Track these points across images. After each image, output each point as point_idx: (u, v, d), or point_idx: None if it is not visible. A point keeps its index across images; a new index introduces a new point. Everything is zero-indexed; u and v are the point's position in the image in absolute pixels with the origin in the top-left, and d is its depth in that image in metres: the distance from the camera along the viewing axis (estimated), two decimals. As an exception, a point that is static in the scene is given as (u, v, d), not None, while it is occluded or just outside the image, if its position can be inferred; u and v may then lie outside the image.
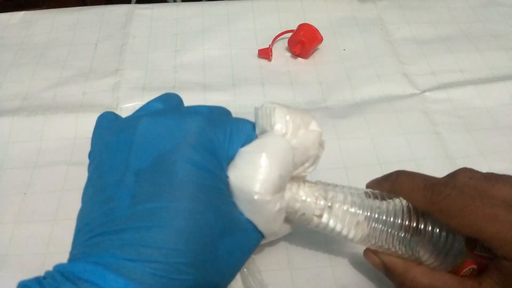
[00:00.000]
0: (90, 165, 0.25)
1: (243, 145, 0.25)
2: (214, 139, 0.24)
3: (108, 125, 0.27)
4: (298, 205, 0.26)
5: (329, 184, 0.28)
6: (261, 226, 0.24)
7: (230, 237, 0.23)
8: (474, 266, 0.26)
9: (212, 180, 0.23)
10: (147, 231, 0.20)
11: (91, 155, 0.26)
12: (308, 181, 0.28)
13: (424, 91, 0.47)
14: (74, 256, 0.22)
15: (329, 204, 0.26)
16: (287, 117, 0.26)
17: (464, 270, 0.26)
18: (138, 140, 0.23)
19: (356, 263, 0.34)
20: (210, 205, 0.22)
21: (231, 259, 0.23)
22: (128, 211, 0.21)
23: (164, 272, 0.20)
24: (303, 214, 0.27)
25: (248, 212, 0.24)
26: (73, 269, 0.20)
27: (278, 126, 0.25)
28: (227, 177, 0.24)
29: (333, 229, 0.27)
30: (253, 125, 0.26)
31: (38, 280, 0.20)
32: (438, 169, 0.40)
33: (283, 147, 0.25)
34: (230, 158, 0.24)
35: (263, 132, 0.26)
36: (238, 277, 0.27)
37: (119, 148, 0.24)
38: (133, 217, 0.21)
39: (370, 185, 0.30)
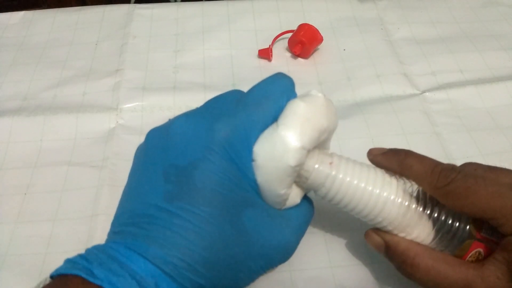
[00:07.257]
0: (135, 156, 0.27)
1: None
2: (237, 145, 0.24)
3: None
4: (310, 168, 0.26)
5: (343, 156, 0.27)
6: (267, 186, 0.25)
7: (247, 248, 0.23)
8: (480, 250, 0.26)
9: (231, 189, 0.23)
10: (168, 228, 0.22)
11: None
12: (321, 150, 0.27)
13: (424, 91, 0.47)
14: (110, 239, 0.24)
15: (341, 176, 0.26)
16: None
17: (470, 254, 0.26)
18: (168, 142, 0.25)
19: (355, 264, 0.34)
20: (226, 215, 0.23)
21: (248, 269, 0.24)
22: (153, 209, 0.23)
23: (182, 269, 0.21)
24: (314, 179, 0.26)
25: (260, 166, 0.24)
26: (110, 251, 0.22)
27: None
28: (253, 181, 0.24)
29: (340, 201, 0.26)
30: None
31: (81, 256, 0.22)
32: (438, 169, 0.40)
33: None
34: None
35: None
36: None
37: (154, 147, 0.25)
38: (158, 214, 0.22)
39: (374, 152, 0.29)
